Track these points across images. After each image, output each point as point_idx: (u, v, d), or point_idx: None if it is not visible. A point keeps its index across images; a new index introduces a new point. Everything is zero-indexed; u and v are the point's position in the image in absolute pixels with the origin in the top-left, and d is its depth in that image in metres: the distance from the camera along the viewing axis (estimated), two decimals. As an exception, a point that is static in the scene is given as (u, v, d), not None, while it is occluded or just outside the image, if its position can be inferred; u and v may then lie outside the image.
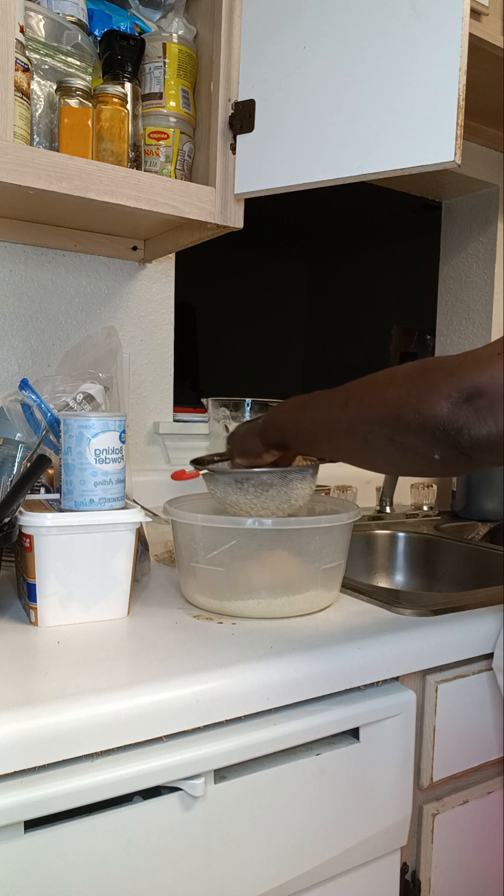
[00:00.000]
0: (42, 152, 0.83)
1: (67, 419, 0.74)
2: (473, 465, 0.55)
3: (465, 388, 0.53)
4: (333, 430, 0.65)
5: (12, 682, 0.58)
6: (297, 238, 3.99)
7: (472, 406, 0.53)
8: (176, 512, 0.78)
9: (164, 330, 1.31)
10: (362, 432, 0.60)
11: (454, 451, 0.54)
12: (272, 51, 0.90)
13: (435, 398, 0.54)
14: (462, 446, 0.54)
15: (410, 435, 0.56)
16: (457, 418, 0.53)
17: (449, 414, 0.53)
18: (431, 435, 0.54)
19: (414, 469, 0.60)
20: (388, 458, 0.60)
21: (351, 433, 0.62)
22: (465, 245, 1.75)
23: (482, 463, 0.55)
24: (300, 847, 0.67)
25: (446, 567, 1.27)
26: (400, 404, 0.57)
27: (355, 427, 0.61)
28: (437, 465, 0.56)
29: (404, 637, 0.73)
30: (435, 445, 0.55)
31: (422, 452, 0.56)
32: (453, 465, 0.56)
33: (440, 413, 0.54)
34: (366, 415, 0.60)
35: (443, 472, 0.58)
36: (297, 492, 0.79)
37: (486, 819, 0.84)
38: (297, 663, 0.65)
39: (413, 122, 0.79)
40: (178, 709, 0.58)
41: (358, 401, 0.62)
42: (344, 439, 0.64)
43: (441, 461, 0.56)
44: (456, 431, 0.53)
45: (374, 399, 0.60)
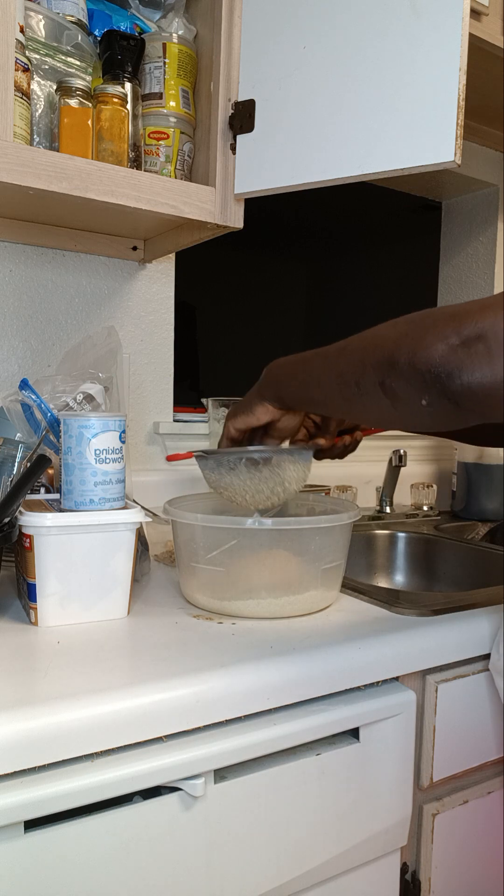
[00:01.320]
0: (42, 152, 0.83)
1: (67, 419, 0.74)
2: (461, 414, 0.53)
3: (464, 330, 0.51)
4: (326, 376, 0.63)
5: (12, 682, 0.58)
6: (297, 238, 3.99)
7: (468, 350, 0.51)
8: (176, 512, 0.78)
9: (164, 330, 1.31)
10: (354, 377, 0.59)
11: (442, 397, 0.52)
12: (272, 51, 0.90)
13: (431, 339, 0.52)
14: (451, 392, 0.52)
15: (401, 378, 0.54)
16: (449, 361, 0.51)
17: (443, 356, 0.52)
18: (422, 377, 0.53)
19: (401, 419, 0.59)
20: (378, 404, 0.58)
21: (343, 378, 0.61)
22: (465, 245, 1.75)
23: (470, 413, 0.53)
24: (300, 847, 0.67)
25: (446, 567, 1.27)
26: (395, 345, 0.55)
27: (348, 371, 0.60)
28: (424, 413, 0.55)
29: (404, 637, 0.73)
30: (424, 390, 0.53)
31: (410, 398, 0.54)
32: (441, 415, 0.54)
33: (433, 354, 0.52)
34: (360, 358, 0.58)
35: (430, 423, 0.56)
36: (290, 473, 0.77)
37: (486, 819, 0.84)
38: (297, 663, 0.65)
39: (413, 122, 0.79)
40: (178, 709, 0.58)
41: (355, 345, 0.60)
42: (335, 386, 0.62)
43: (428, 408, 0.54)
44: (447, 375, 0.51)
45: (370, 342, 0.58)
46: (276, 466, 0.76)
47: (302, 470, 0.79)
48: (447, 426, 0.57)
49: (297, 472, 0.78)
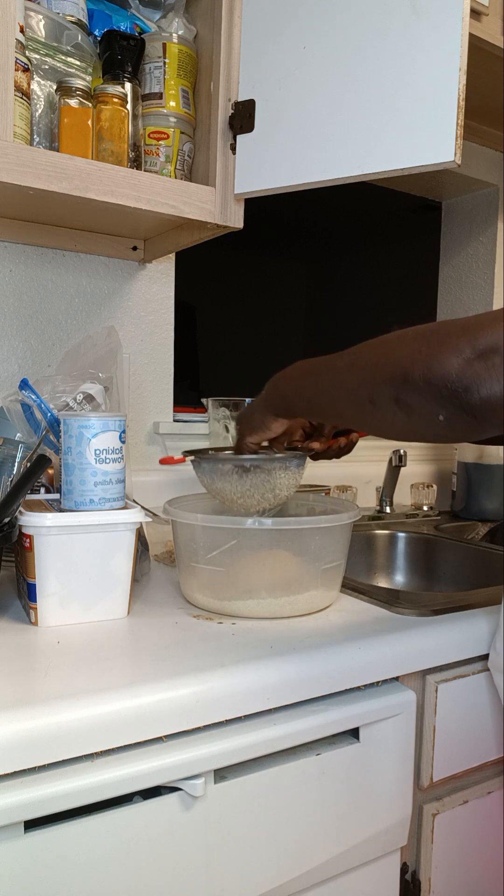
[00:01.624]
0: (42, 152, 0.83)
1: (67, 419, 0.74)
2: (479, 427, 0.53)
3: (478, 344, 0.51)
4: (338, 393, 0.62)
5: (12, 682, 0.58)
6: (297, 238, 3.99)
7: (484, 363, 0.50)
8: (176, 512, 0.78)
9: (164, 330, 1.31)
10: (367, 393, 0.58)
11: (460, 411, 0.52)
12: (272, 51, 0.90)
13: (445, 353, 0.52)
14: (469, 406, 0.51)
15: (416, 394, 0.53)
16: (466, 375, 0.51)
17: (458, 370, 0.51)
18: (438, 393, 0.52)
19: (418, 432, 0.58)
20: (392, 419, 0.57)
21: (355, 395, 0.60)
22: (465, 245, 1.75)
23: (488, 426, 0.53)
24: (300, 847, 0.67)
25: (446, 567, 1.27)
26: (408, 361, 0.54)
27: (360, 388, 0.59)
28: (441, 427, 0.54)
29: (404, 637, 0.73)
30: (440, 405, 0.52)
31: (427, 413, 0.54)
32: (459, 428, 0.54)
33: (449, 369, 0.51)
34: (372, 374, 0.58)
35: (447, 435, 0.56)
36: (281, 480, 0.78)
37: (486, 819, 0.84)
38: (297, 663, 0.65)
39: (413, 122, 0.79)
40: (178, 709, 0.58)
41: (365, 361, 0.59)
42: (348, 402, 0.61)
43: (446, 422, 0.53)
44: (464, 389, 0.51)
45: (381, 358, 0.57)
46: (268, 474, 0.77)
47: (294, 476, 0.79)
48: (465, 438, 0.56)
49: (289, 479, 0.79)
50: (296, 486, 0.81)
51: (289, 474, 0.78)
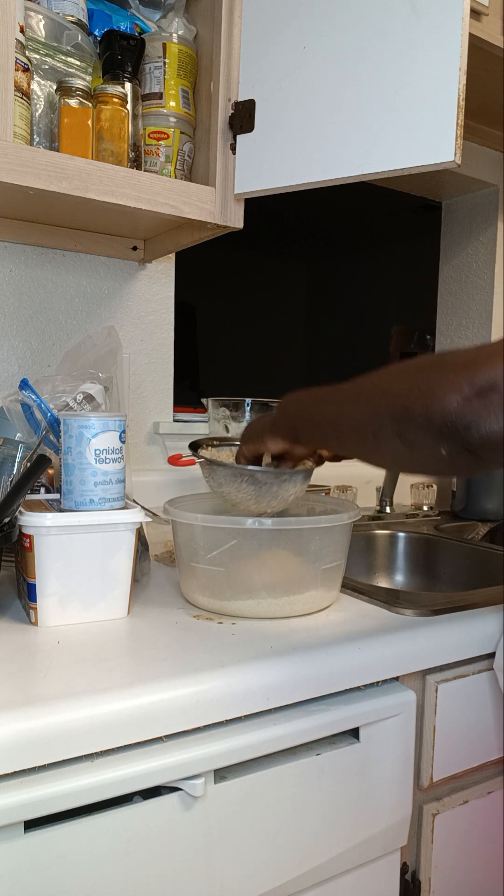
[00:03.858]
0: (42, 152, 0.83)
1: (67, 419, 0.74)
2: (481, 464, 0.53)
3: (476, 381, 0.51)
4: (342, 424, 0.63)
5: (12, 682, 0.58)
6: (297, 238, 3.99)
7: (483, 401, 0.50)
8: (176, 512, 0.78)
9: (164, 330, 1.31)
10: (371, 427, 0.59)
11: (461, 447, 0.52)
12: (272, 51, 0.90)
13: (444, 391, 0.52)
14: (470, 443, 0.51)
15: (418, 430, 0.54)
16: (465, 413, 0.51)
17: (458, 408, 0.51)
18: (438, 430, 0.52)
19: (420, 466, 0.58)
20: (395, 453, 0.58)
21: (359, 428, 0.60)
22: (465, 245, 1.75)
23: (490, 462, 0.53)
24: (300, 847, 0.67)
25: (446, 567, 1.27)
26: (409, 397, 0.54)
27: (364, 422, 0.59)
28: (443, 462, 0.54)
29: (404, 637, 0.73)
30: (442, 441, 0.53)
31: (428, 448, 0.54)
32: (460, 464, 0.54)
33: (449, 407, 0.51)
34: (374, 408, 0.58)
35: (450, 470, 0.56)
36: (288, 491, 0.79)
37: (486, 819, 0.84)
38: (297, 663, 0.65)
39: (413, 122, 0.79)
40: (178, 709, 0.58)
41: (367, 395, 0.60)
42: (352, 434, 0.62)
43: (448, 458, 0.53)
44: (464, 427, 0.51)
45: (383, 392, 0.58)
46: (277, 486, 0.78)
47: (300, 487, 0.80)
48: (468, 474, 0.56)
49: (295, 489, 0.80)
50: (300, 495, 0.82)
51: (296, 485, 0.80)
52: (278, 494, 0.79)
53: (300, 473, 0.79)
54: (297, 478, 0.79)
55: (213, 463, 0.80)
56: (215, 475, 0.79)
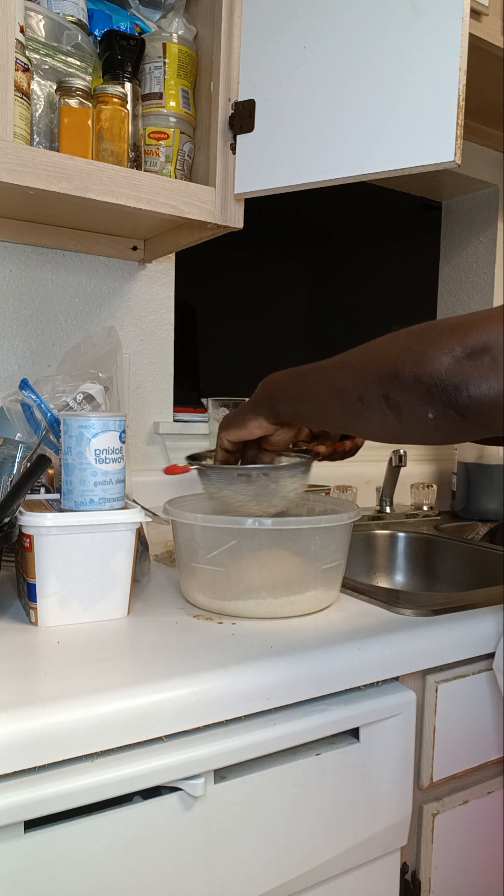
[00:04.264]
0: (42, 152, 0.83)
1: (67, 419, 0.74)
2: (468, 427, 0.53)
3: (469, 342, 0.50)
4: (325, 391, 0.62)
5: (12, 682, 0.58)
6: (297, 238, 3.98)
7: (473, 362, 0.50)
8: (176, 512, 0.78)
9: (164, 330, 1.31)
10: (356, 391, 0.58)
11: (450, 410, 0.51)
12: (272, 51, 0.90)
13: (435, 351, 0.51)
14: (458, 405, 0.51)
15: (406, 392, 0.53)
16: (456, 373, 0.50)
17: (448, 368, 0.51)
18: (427, 391, 0.52)
19: (407, 433, 0.57)
20: (382, 419, 0.57)
21: (343, 393, 0.59)
22: (465, 245, 1.75)
23: (477, 426, 0.52)
24: (300, 847, 0.67)
25: (446, 567, 1.27)
26: (398, 359, 0.54)
27: (349, 386, 0.58)
28: (430, 427, 0.54)
29: (404, 637, 0.73)
30: (430, 403, 0.52)
31: (416, 411, 0.53)
32: (448, 428, 0.53)
33: (439, 367, 0.51)
34: (362, 373, 0.57)
35: (437, 436, 0.55)
36: (287, 486, 0.78)
37: (486, 819, 0.84)
38: (297, 663, 0.65)
39: (413, 122, 0.79)
40: (178, 709, 0.58)
41: (355, 360, 0.59)
42: (335, 401, 0.60)
43: (435, 421, 0.53)
44: (453, 388, 0.50)
45: (371, 356, 0.57)
46: (274, 481, 0.77)
47: (299, 482, 0.79)
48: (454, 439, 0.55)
49: (294, 485, 0.79)
50: (301, 491, 0.81)
51: (294, 480, 0.78)
52: (277, 492, 0.77)
53: (298, 467, 0.78)
54: (295, 472, 0.78)
55: (206, 468, 0.79)
56: (211, 480, 0.79)
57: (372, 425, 0.59)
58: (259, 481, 0.76)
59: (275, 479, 0.77)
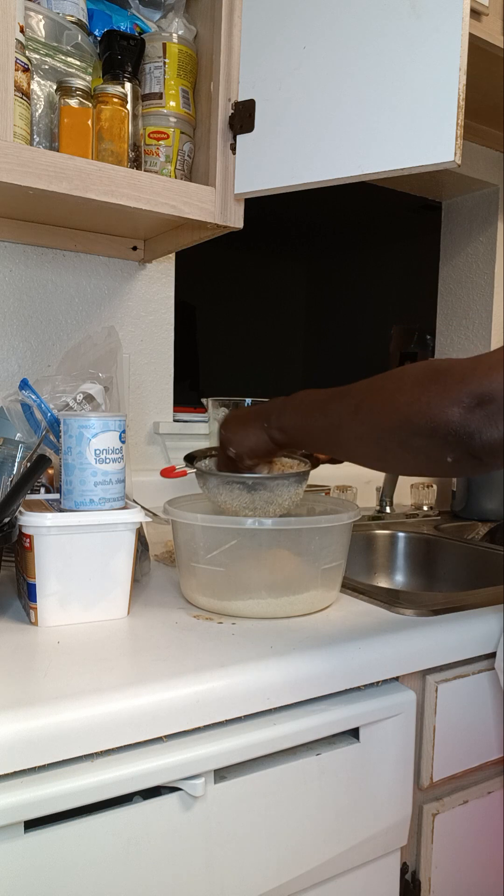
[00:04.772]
0: (42, 152, 0.83)
1: (67, 419, 0.74)
2: (485, 467, 0.57)
3: (475, 393, 0.55)
4: (345, 436, 0.66)
5: (12, 682, 0.58)
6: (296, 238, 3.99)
7: (482, 411, 0.54)
8: (176, 512, 0.78)
9: (164, 330, 1.31)
10: (374, 438, 0.62)
11: (466, 454, 0.56)
12: (272, 51, 0.90)
13: (446, 404, 0.56)
14: (474, 450, 0.55)
15: (423, 439, 0.57)
16: (468, 423, 0.55)
17: (460, 419, 0.55)
18: (443, 439, 0.56)
19: (426, 471, 0.62)
20: (401, 461, 0.62)
21: (363, 439, 0.63)
22: (465, 245, 1.75)
23: (493, 465, 0.57)
24: (300, 847, 0.67)
25: (446, 567, 1.27)
26: (411, 410, 0.58)
27: (367, 433, 0.62)
28: (449, 467, 0.58)
29: (404, 637, 0.73)
30: (447, 449, 0.56)
31: (434, 456, 0.58)
32: (466, 468, 0.58)
33: (452, 418, 0.55)
34: (377, 421, 0.61)
35: (455, 473, 0.60)
36: (285, 494, 0.79)
37: (486, 819, 0.84)
38: (297, 663, 0.65)
39: (413, 122, 0.79)
40: (178, 709, 0.58)
41: (368, 407, 0.62)
42: (356, 445, 0.65)
43: (454, 464, 0.57)
44: (468, 436, 0.55)
45: (384, 406, 0.61)
46: (271, 491, 0.78)
47: (297, 490, 0.80)
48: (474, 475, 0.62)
49: (292, 492, 0.80)
50: (298, 499, 0.81)
51: (292, 489, 0.79)
52: (273, 500, 0.78)
53: (294, 476, 0.79)
54: (291, 481, 0.79)
55: (204, 473, 0.80)
56: (208, 484, 0.80)
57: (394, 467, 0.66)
58: (256, 491, 0.77)
59: (271, 488, 0.77)
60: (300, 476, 0.80)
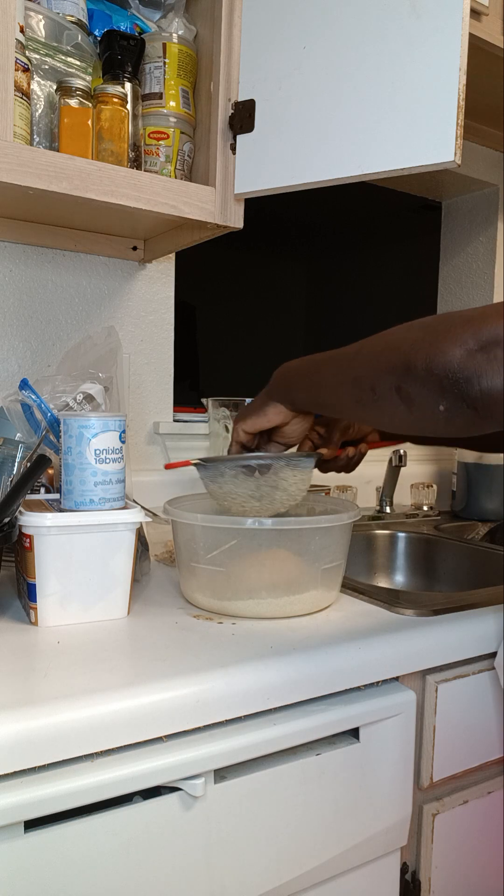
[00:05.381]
0: (42, 152, 0.83)
1: (67, 419, 0.74)
2: (479, 421, 0.53)
3: (482, 335, 0.51)
4: (340, 380, 0.62)
5: (12, 682, 0.58)
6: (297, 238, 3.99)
7: (486, 355, 0.51)
8: (176, 512, 0.78)
9: (164, 330, 1.31)
10: (369, 381, 0.58)
11: (461, 402, 0.52)
12: (272, 51, 0.90)
13: (448, 343, 0.52)
14: (470, 397, 0.51)
15: (417, 383, 0.54)
16: (468, 366, 0.51)
17: (460, 361, 0.51)
18: (439, 383, 0.52)
19: (418, 424, 0.58)
20: (393, 410, 0.58)
21: (357, 383, 0.60)
22: (465, 245, 1.75)
23: (488, 419, 0.53)
24: (300, 847, 0.67)
25: (446, 567, 1.27)
26: (411, 350, 0.54)
27: (363, 376, 0.59)
28: (440, 419, 0.54)
29: (404, 637, 0.73)
30: (441, 395, 0.53)
31: (427, 403, 0.54)
32: (458, 421, 0.54)
33: (451, 359, 0.52)
34: (375, 362, 0.58)
35: (447, 428, 0.56)
36: (290, 480, 0.77)
37: (486, 819, 0.84)
38: (297, 663, 0.65)
39: (413, 122, 0.79)
40: (178, 709, 0.58)
41: (369, 349, 0.59)
42: (349, 390, 0.61)
43: (446, 414, 0.53)
44: (465, 380, 0.51)
45: (385, 346, 0.58)
46: (276, 474, 0.76)
47: (302, 477, 0.78)
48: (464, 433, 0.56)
49: (297, 479, 0.78)
50: (306, 488, 0.80)
51: (297, 473, 0.77)
52: (278, 484, 0.77)
53: (301, 459, 0.78)
54: (298, 463, 0.77)
55: (206, 461, 0.79)
56: (212, 476, 0.79)
57: (384, 416, 0.60)
58: (261, 475, 0.76)
59: (277, 470, 0.76)
60: (307, 457, 0.78)
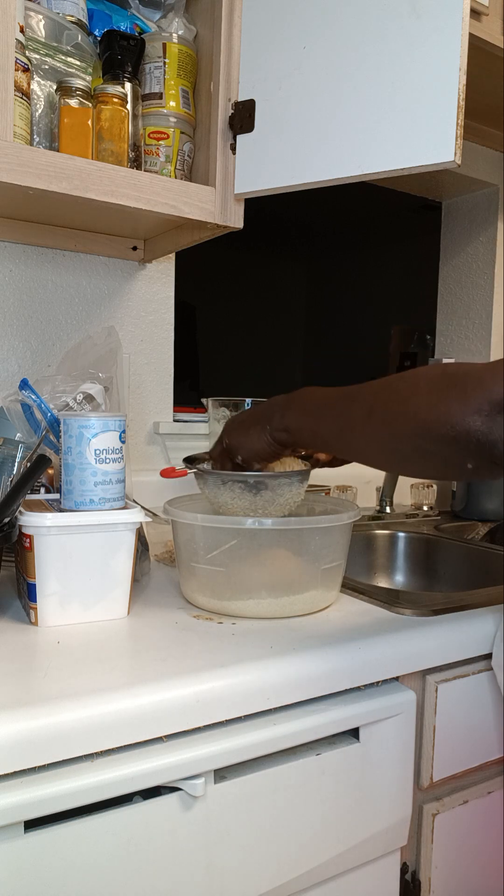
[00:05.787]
0: (42, 152, 0.83)
1: (67, 419, 0.74)
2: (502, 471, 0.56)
3: (496, 399, 0.53)
4: (358, 440, 0.64)
5: (12, 682, 0.58)
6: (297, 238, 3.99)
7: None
8: (176, 512, 0.78)
9: (164, 330, 1.31)
10: (389, 443, 0.60)
11: (488, 462, 0.55)
12: (272, 51, 0.90)
13: (467, 412, 0.54)
14: (496, 457, 0.54)
15: (441, 445, 0.56)
16: (490, 431, 0.53)
17: (483, 427, 0.54)
18: (465, 447, 0.55)
19: (443, 476, 0.61)
20: (417, 466, 0.61)
21: (378, 443, 0.62)
22: (465, 245, 1.75)
23: None
24: (300, 847, 0.67)
25: (446, 567, 1.27)
26: (429, 417, 0.56)
27: (381, 438, 0.61)
28: (468, 472, 0.57)
29: (404, 637, 0.73)
30: (468, 456, 0.55)
31: (454, 461, 0.57)
32: (485, 473, 0.57)
33: (474, 426, 0.54)
34: (392, 426, 0.60)
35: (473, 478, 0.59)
36: (286, 495, 0.78)
37: (486, 819, 0.84)
38: (297, 663, 0.65)
39: (413, 122, 0.79)
40: (178, 709, 0.58)
41: (382, 411, 0.61)
42: (371, 448, 0.63)
43: (473, 470, 0.56)
44: (491, 444, 0.54)
45: (399, 410, 0.59)
46: (272, 490, 0.77)
47: (297, 491, 0.80)
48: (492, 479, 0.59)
49: (293, 493, 0.79)
50: (302, 497, 0.81)
51: (293, 489, 0.79)
52: (275, 500, 0.78)
53: (296, 475, 0.79)
54: (294, 479, 0.78)
55: (203, 472, 0.79)
56: (209, 485, 0.79)
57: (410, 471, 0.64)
58: (258, 490, 0.77)
59: (273, 487, 0.77)
60: (302, 475, 0.79)
